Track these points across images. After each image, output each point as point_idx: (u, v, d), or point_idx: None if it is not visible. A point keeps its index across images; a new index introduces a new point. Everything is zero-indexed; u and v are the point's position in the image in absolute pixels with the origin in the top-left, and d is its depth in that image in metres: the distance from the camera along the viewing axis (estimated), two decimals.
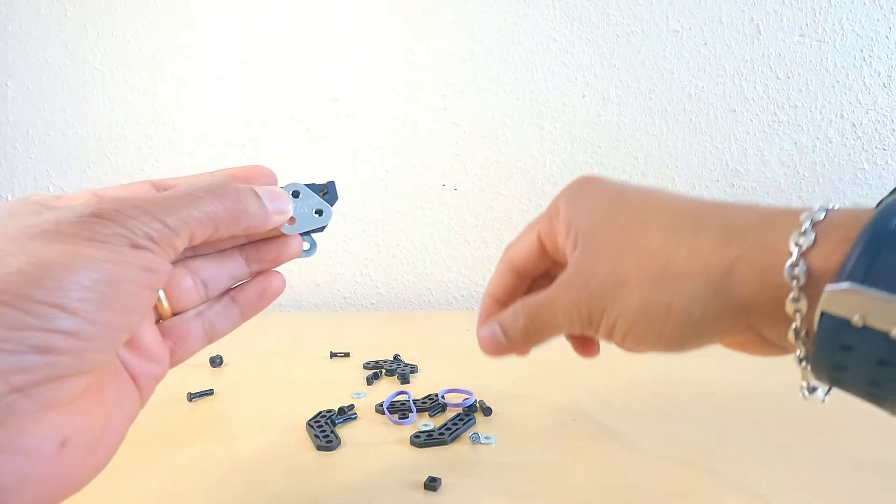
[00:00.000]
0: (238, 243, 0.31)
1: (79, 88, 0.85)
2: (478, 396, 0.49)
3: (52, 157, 0.86)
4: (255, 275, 0.31)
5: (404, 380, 0.53)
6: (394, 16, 0.84)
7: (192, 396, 0.50)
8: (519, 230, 0.36)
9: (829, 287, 0.20)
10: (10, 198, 0.87)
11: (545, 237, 0.33)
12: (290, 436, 0.43)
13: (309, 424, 0.44)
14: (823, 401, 0.24)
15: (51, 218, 0.21)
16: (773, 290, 0.22)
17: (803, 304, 0.21)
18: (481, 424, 0.45)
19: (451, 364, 0.58)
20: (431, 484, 0.35)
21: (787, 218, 0.23)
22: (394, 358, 0.60)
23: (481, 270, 0.88)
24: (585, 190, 0.32)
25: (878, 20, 0.84)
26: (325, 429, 0.43)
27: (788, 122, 0.86)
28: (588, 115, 0.86)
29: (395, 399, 0.49)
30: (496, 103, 0.86)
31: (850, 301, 0.20)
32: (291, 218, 0.30)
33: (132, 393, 0.26)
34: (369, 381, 0.54)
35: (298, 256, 0.32)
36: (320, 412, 0.46)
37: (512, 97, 0.86)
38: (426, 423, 0.44)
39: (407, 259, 0.88)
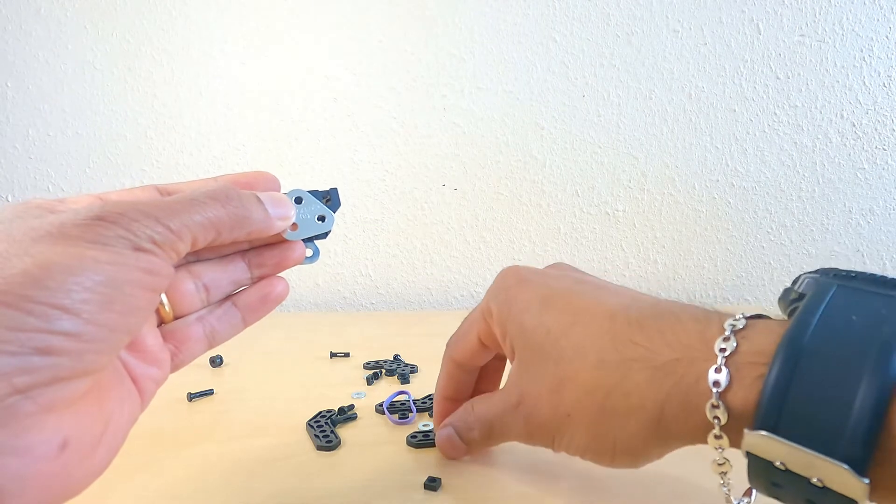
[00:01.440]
0: (241, 248, 0.31)
1: (79, 88, 0.85)
2: None
3: (52, 157, 0.86)
4: (258, 280, 0.31)
5: (404, 380, 0.53)
6: (394, 16, 0.84)
7: (191, 396, 0.50)
8: (519, 230, 0.37)
9: (746, 432, 0.22)
10: (10, 198, 0.87)
11: (484, 338, 0.35)
12: (290, 436, 0.43)
13: (309, 424, 0.44)
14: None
15: (55, 220, 0.21)
16: (701, 428, 0.24)
17: (725, 442, 0.24)
18: None
19: None
20: (431, 484, 0.35)
21: (704, 348, 0.24)
22: (394, 358, 0.60)
23: (481, 271, 0.88)
24: (511, 291, 0.33)
25: (878, 20, 0.84)
26: (325, 429, 0.43)
27: (788, 122, 0.86)
28: (588, 115, 0.86)
29: (395, 399, 0.49)
30: (496, 103, 0.86)
31: (769, 447, 0.21)
32: (294, 224, 0.31)
33: (133, 396, 0.26)
34: (369, 381, 0.54)
35: (301, 263, 0.32)
36: (320, 412, 0.46)
37: (512, 97, 0.86)
38: (426, 422, 0.44)
39: (407, 259, 0.88)
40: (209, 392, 0.51)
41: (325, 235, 0.32)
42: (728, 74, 0.85)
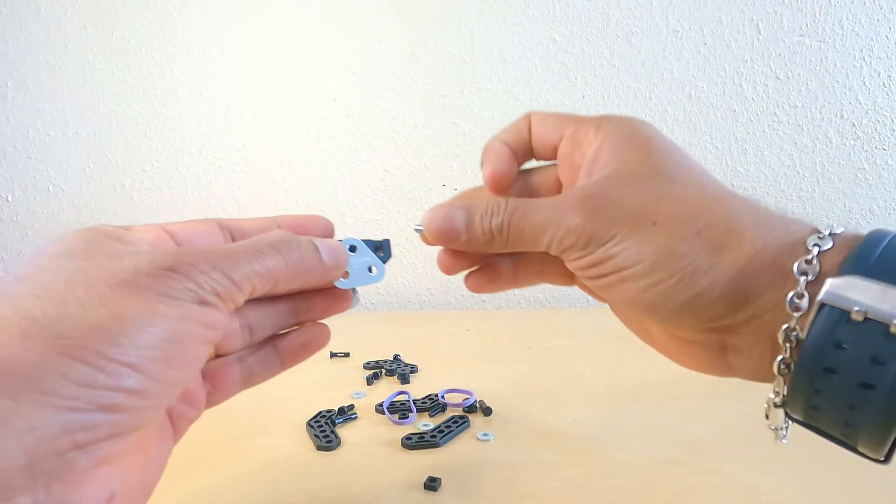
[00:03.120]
0: (291, 293, 0.31)
1: (79, 88, 0.85)
2: (478, 396, 0.49)
3: (52, 157, 0.86)
4: (300, 324, 0.31)
5: (404, 380, 0.53)
6: (394, 15, 0.84)
7: None
8: None
9: (830, 280, 0.21)
10: (10, 198, 0.87)
11: (565, 132, 0.31)
12: (290, 436, 0.43)
13: (309, 424, 0.44)
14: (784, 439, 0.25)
15: (129, 266, 0.22)
16: (780, 283, 0.22)
17: (804, 302, 0.21)
18: (481, 424, 0.45)
19: (451, 364, 0.58)
20: (431, 484, 0.35)
21: (806, 225, 0.24)
22: (394, 358, 0.60)
23: None
24: (631, 125, 0.29)
25: (878, 20, 0.84)
26: (325, 429, 0.43)
27: (788, 122, 0.86)
28: (588, 115, 0.86)
29: (395, 399, 0.49)
30: (496, 103, 0.86)
31: (853, 291, 0.20)
32: (346, 272, 0.31)
33: (170, 435, 0.26)
34: (369, 381, 0.54)
35: (364, 284, 0.32)
36: (320, 412, 0.46)
37: (512, 97, 0.86)
38: (426, 423, 0.44)
39: (407, 259, 0.88)
40: None
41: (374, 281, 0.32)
42: (728, 74, 0.85)
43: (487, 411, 0.46)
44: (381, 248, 0.33)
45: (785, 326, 0.22)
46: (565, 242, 0.26)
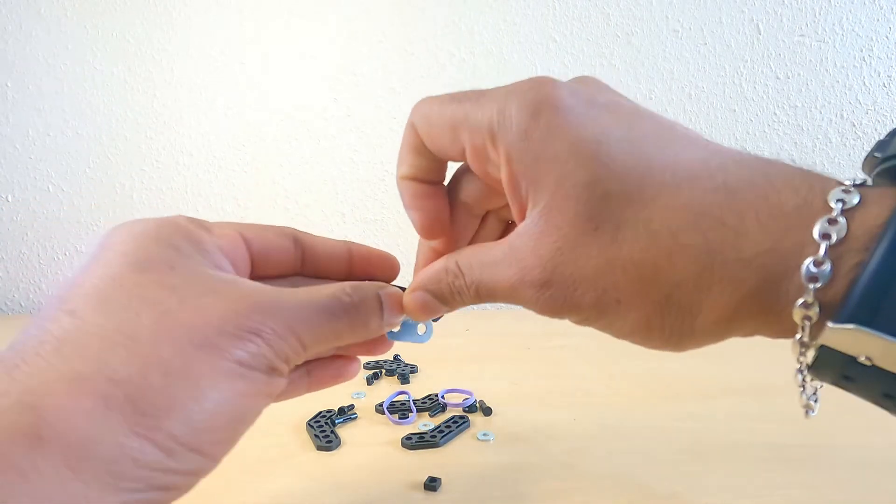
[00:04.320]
0: None
1: (79, 88, 0.85)
2: (478, 396, 0.49)
3: (52, 157, 0.86)
4: (336, 356, 0.31)
5: (404, 380, 0.53)
6: (394, 15, 0.84)
7: None
8: None
9: (830, 326, 0.18)
10: (10, 198, 0.87)
11: (473, 155, 0.25)
12: (290, 436, 0.43)
13: (309, 424, 0.44)
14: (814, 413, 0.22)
15: (213, 318, 0.21)
16: (778, 330, 0.20)
17: (808, 339, 0.19)
18: (481, 424, 0.45)
19: (451, 364, 0.58)
20: (431, 484, 0.35)
21: (804, 231, 0.19)
22: (394, 358, 0.60)
23: None
24: (546, 127, 0.22)
25: (878, 20, 0.84)
26: (325, 429, 0.43)
27: (788, 122, 0.86)
28: None
29: (395, 399, 0.49)
30: None
31: (857, 341, 0.18)
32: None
33: None
34: (369, 381, 0.54)
35: (410, 341, 0.32)
36: (320, 412, 0.46)
37: None
38: (426, 423, 0.44)
39: (407, 259, 0.88)
40: None
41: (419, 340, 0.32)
42: (728, 74, 0.85)
43: (487, 411, 0.46)
44: None
45: (798, 338, 0.19)
46: (521, 295, 0.24)
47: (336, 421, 0.45)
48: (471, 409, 0.47)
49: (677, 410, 0.47)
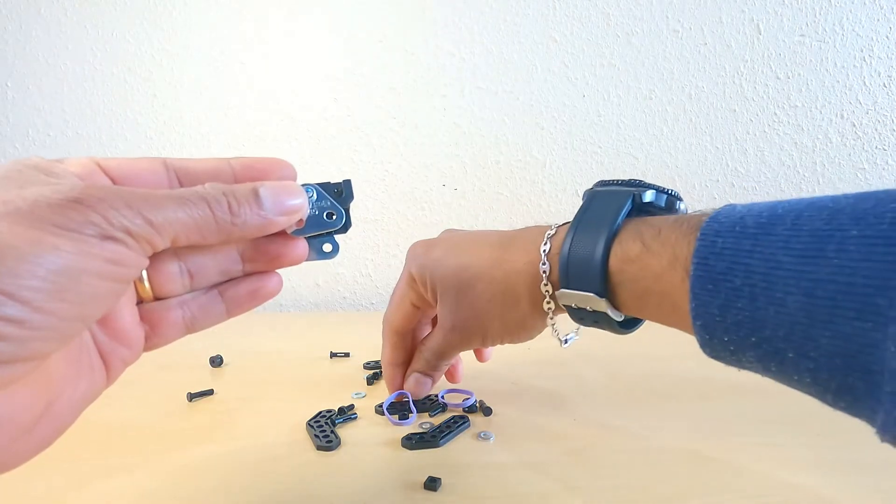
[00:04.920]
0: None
1: (79, 88, 0.85)
2: (478, 396, 0.49)
3: (52, 157, 0.86)
4: (250, 274, 0.30)
5: None
6: (394, 15, 0.84)
7: (192, 396, 0.50)
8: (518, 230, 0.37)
9: (557, 292, 0.36)
10: None
11: (415, 301, 0.45)
12: (290, 436, 0.43)
13: (309, 424, 0.44)
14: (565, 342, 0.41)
15: (29, 196, 0.21)
16: (539, 298, 0.38)
17: (553, 305, 0.37)
18: (481, 424, 0.45)
19: None
20: (431, 484, 0.35)
21: (537, 250, 0.38)
22: None
23: None
24: (424, 256, 0.44)
25: (878, 20, 0.84)
26: (325, 429, 0.43)
27: (788, 122, 0.86)
28: (588, 115, 0.86)
29: (395, 399, 0.49)
30: (496, 103, 0.86)
31: (567, 297, 0.35)
32: (300, 220, 0.28)
33: (97, 373, 0.25)
34: (369, 381, 0.54)
35: (308, 260, 0.30)
36: (320, 412, 0.46)
37: (512, 97, 0.86)
38: (425, 422, 0.44)
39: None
40: (209, 392, 0.51)
41: (338, 232, 0.30)
42: (728, 74, 0.85)
43: (487, 411, 0.46)
44: (342, 191, 0.30)
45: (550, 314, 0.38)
46: (471, 347, 0.45)
47: (336, 421, 0.45)
48: (471, 409, 0.47)
49: (677, 410, 0.46)
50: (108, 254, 0.21)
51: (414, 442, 0.41)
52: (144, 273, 0.27)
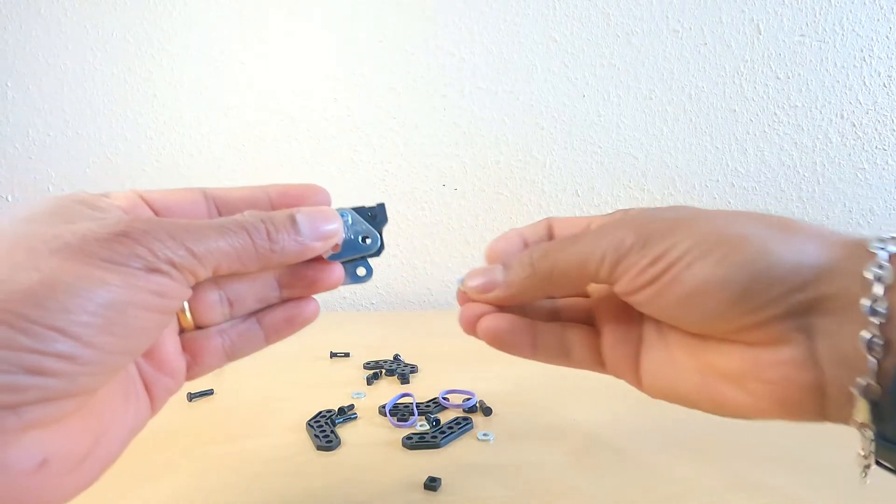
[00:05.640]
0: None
1: (79, 88, 0.85)
2: (478, 396, 0.49)
3: (52, 157, 0.86)
4: (287, 300, 0.30)
5: (404, 380, 0.53)
6: (394, 16, 0.84)
7: (192, 396, 0.50)
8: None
9: None
10: (10, 198, 0.87)
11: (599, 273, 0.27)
12: (290, 436, 0.43)
13: (309, 424, 0.44)
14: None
15: (78, 231, 0.21)
16: (860, 259, 0.21)
17: (883, 308, 0.20)
18: (481, 424, 0.45)
19: (452, 364, 0.58)
20: (431, 484, 0.35)
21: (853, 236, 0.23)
22: (394, 358, 0.60)
23: None
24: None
25: (878, 20, 0.84)
26: (325, 429, 0.43)
27: (788, 122, 0.86)
28: (588, 115, 0.86)
29: (398, 401, 0.49)
30: (496, 103, 0.86)
31: None
32: (335, 244, 0.28)
33: (142, 404, 0.26)
34: (369, 381, 0.54)
35: (344, 284, 0.30)
36: (320, 412, 0.46)
37: (512, 97, 0.86)
38: (422, 423, 0.44)
39: (407, 259, 0.88)
40: (209, 392, 0.51)
41: (373, 256, 0.30)
42: (728, 74, 0.85)
43: (487, 411, 0.46)
44: (376, 215, 0.30)
45: (868, 336, 0.20)
46: (622, 248, 0.24)
47: (336, 421, 0.45)
48: (471, 409, 0.47)
49: (677, 410, 0.46)
50: (153, 286, 0.21)
51: (414, 442, 0.41)
52: (186, 303, 0.27)
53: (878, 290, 0.20)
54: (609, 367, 0.30)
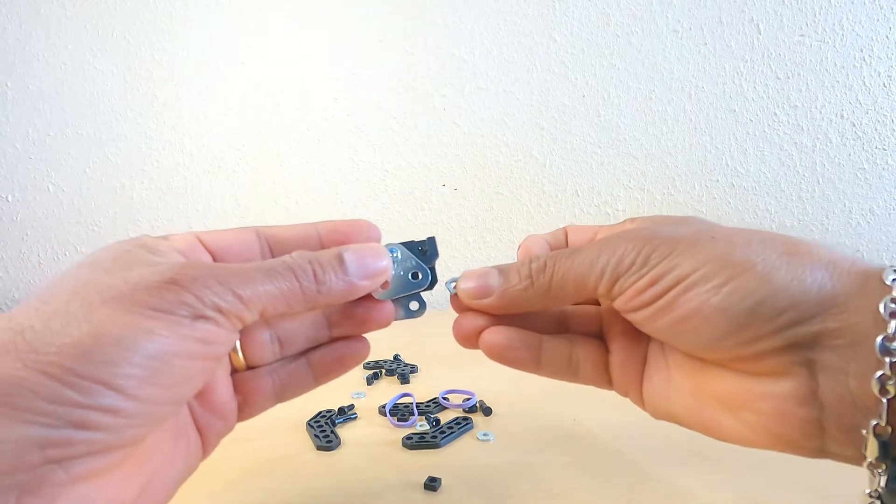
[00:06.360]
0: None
1: (79, 88, 0.85)
2: (478, 396, 0.49)
3: (52, 157, 0.86)
4: (336, 339, 0.30)
5: (404, 380, 0.53)
6: (393, 15, 0.84)
7: None
8: (519, 230, 0.35)
9: None
10: (10, 198, 0.87)
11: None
12: (290, 436, 0.43)
13: (309, 424, 0.44)
14: None
15: (131, 279, 0.21)
16: (869, 290, 0.20)
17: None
18: (481, 424, 0.45)
19: (452, 364, 0.58)
20: (431, 484, 0.35)
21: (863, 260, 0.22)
22: (394, 358, 0.60)
23: None
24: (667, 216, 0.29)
25: (878, 20, 0.84)
26: (325, 429, 0.43)
27: (788, 122, 0.86)
28: (588, 115, 0.86)
29: (398, 402, 0.49)
30: (496, 103, 0.86)
31: None
32: (385, 282, 0.28)
33: (193, 447, 0.26)
34: (369, 381, 0.54)
35: (396, 319, 0.29)
36: (320, 412, 0.46)
37: (512, 97, 0.86)
38: (422, 423, 0.44)
39: None
40: None
41: (424, 290, 0.29)
42: (728, 74, 0.85)
43: (487, 411, 0.46)
44: (426, 250, 0.29)
45: (879, 374, 0.19)
46: (622, 265, 0.24)
47: (336, 421, 0.45)
48: (471, 409, 0.47)
49: None
50: (198, 333, 0.21)
51: (414, 442, 0.41)
52: (237, 343, 0.27)
53: (893, 327, 0.19)
54: (616, 385, 0.30)
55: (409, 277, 0.29)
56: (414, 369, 0.56)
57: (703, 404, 0.25)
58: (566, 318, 0.31)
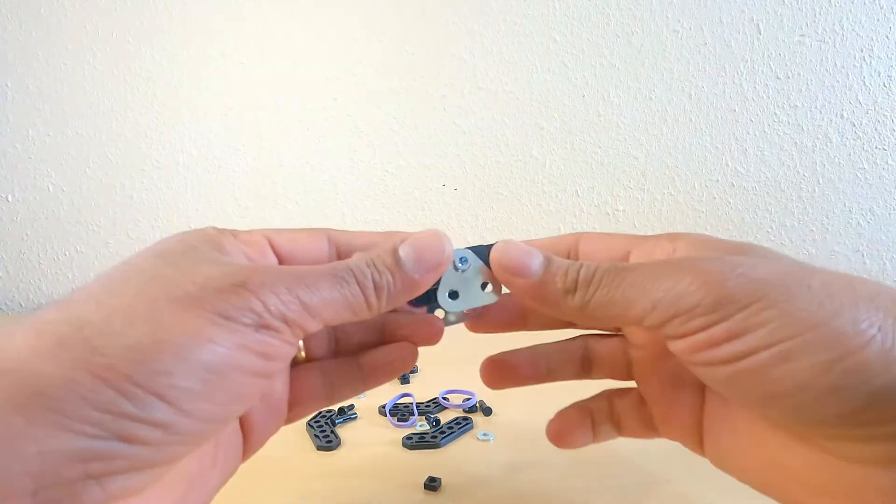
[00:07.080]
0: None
1: (79, 88, 0.85)
2: (478, 397, 0.49)
3: (52, 157, 0.86)
4: (388, 342, 0.29)
5: (404, 380, 0.53)
6: (394, 15, 0.84)
7: None
8: (519, 230, 0.35)
9: None
10: (10, 198, 0.87)
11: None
12: (290, 436, 0.43)
13: (309, 424, 0.44)
14: None
15: (199, 278, 0.20)
16: None
17: None
18: (481, 424, 0.45)
19: (451, 364, 0.58)
20: (431, 484, 0.35)
21: None
22: None
23: None
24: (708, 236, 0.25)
25: (878, 20, 0.84)
26: (325, 429, 0.43)
27: (788, 122, 0.86)
28: (588, 115, 0.86)
29: (398, 402, 0.49)
30: (496, 103, 0.86)
31: None
32: (454, 291, 0.26)
33: (233, 454, 0.25)
34: None
35: (446, 326, 0.28)
36: (320, 412, 0.46)
37: (512, 97, 0.86)
38: (422, 423, 0.44)
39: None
40: None
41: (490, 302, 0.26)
42: (728, 74, 0.85)
43: (487, 411, 0.46)
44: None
45: None
46: (683, 303, 0.20)
47: (336, 421, 0.45)
48: (471, 409, 0.47)
49: None
50: (260, 346, 0.20)
51: (414, 442, 0.41)
52: None
53: None
54: (663, 434, 0.28)
55: (480, 287, 0.26)
56: (414, 369, 0.56)
57: (773, 477, 0.23)
58: (590, 360, 0.30)
